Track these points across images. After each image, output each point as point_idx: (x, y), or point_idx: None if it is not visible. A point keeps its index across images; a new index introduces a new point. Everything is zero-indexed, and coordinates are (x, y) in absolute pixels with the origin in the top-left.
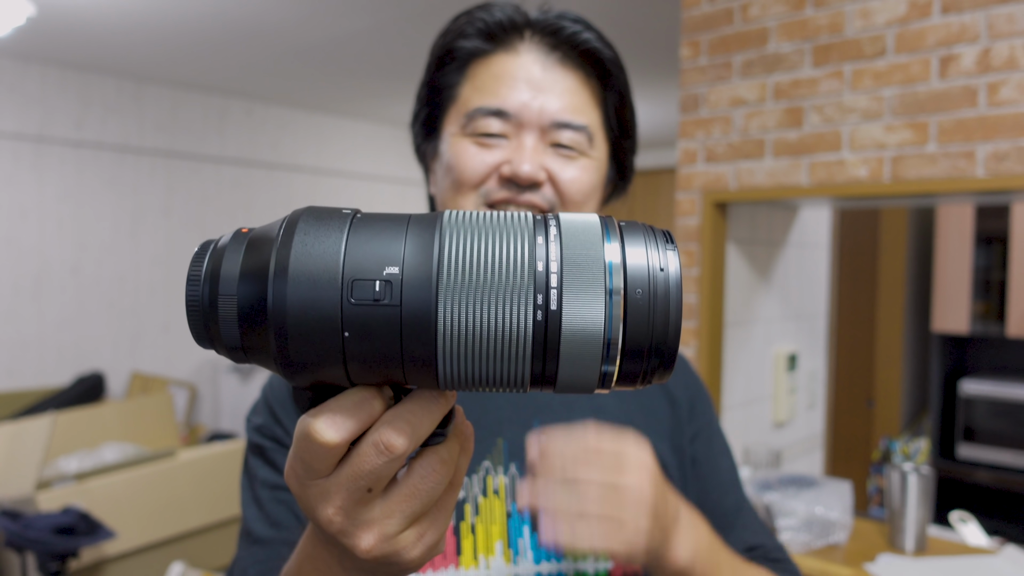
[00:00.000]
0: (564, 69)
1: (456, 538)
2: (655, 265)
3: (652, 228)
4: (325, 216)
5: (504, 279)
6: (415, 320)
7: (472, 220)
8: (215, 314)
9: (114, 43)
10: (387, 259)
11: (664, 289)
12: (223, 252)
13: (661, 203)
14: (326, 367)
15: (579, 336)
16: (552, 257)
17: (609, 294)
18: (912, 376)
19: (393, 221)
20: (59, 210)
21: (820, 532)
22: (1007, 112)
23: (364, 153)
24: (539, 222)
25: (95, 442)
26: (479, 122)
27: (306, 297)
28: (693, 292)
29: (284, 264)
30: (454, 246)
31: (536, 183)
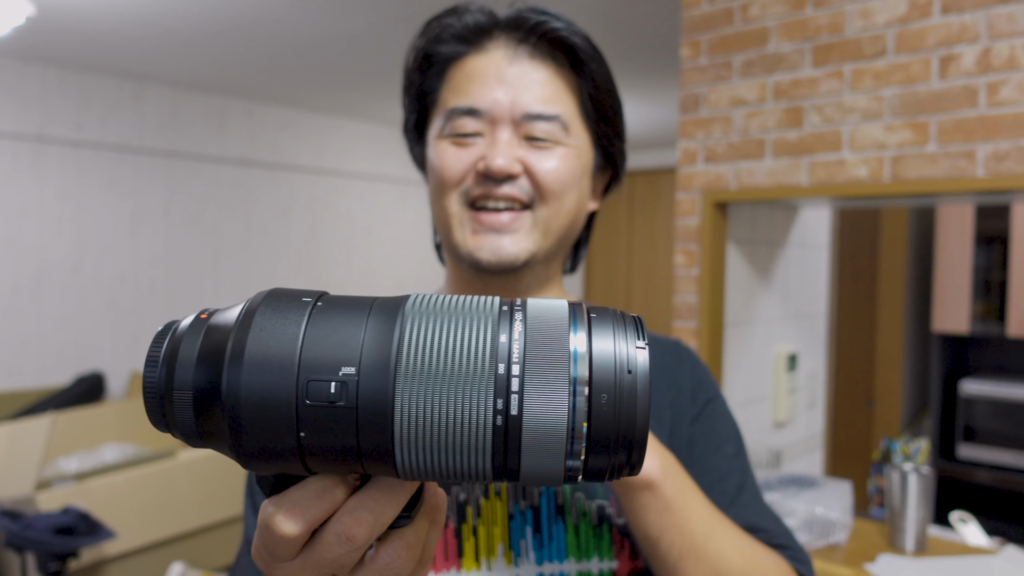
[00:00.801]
0: (533, 61)
1: (457, 540)
2: (623, 366)
3: (623, 317)
4: (285, 304)
5: (463, 375)
6: (371, 418)
7: (435, 307)
8: (171, 398)
9: (114, 43)
10: (343, 357)
11: (631, 393)
12: (182, 336)
13: (661, 203)
14: (283, 461)
15: (541, 435)
16: (515, 356)
17: (573, 385)
18: (912, 376)
19: (354, 310)
20: (59, 210)
21: (820, 532)
22: (1007, 112)
23: (364, 153)
24: (504, 313)
25: (95, 442)
26: (455, 122)
27: (261, 390)
28: (693, 292)
29: (240, 352)
30: (413, 337)
31: (511, 175)
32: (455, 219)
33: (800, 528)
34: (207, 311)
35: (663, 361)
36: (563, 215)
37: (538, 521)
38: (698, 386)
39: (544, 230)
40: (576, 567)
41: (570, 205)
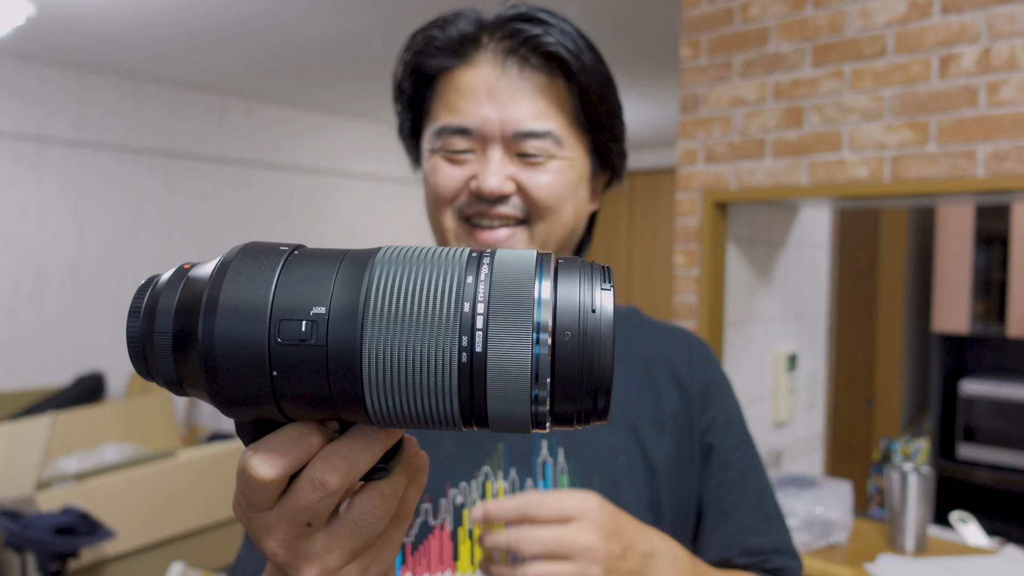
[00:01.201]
0: (523, 75)
1: (453, 543)
2: (587, 306)
3: (591, 265)
4: (260, 253)
5: (430, 317)
6: (340, 358)
7: (406, 256)
8: (152, 347)
9: (114, 43)
10: (315, 298)
11: (595, 331)
12: (162, 287)
13: (661, 203)
14: (258, 404)
15: (505, 376)
16: (480, 296)
17: (536, 330)
18: (912, 376)
19: (328, 258)
20: (59, 210)
21: (820, 532)
22: (1007, 112)
23: (364, 153)
24: (473, 259)
25: (95, 442)
26: (446, 140)
27: (234, 334)
28: (693, 292)
29: (214, 300)
30: (382, 282)
31: (503, 195)
32: (451, 235)
33: (800, 528)
34: (189, 263)
35: (673, 358)
36: (560, 228)
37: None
38: (710, 390)
39: (542, 244)
40: None
41: (567, 217)
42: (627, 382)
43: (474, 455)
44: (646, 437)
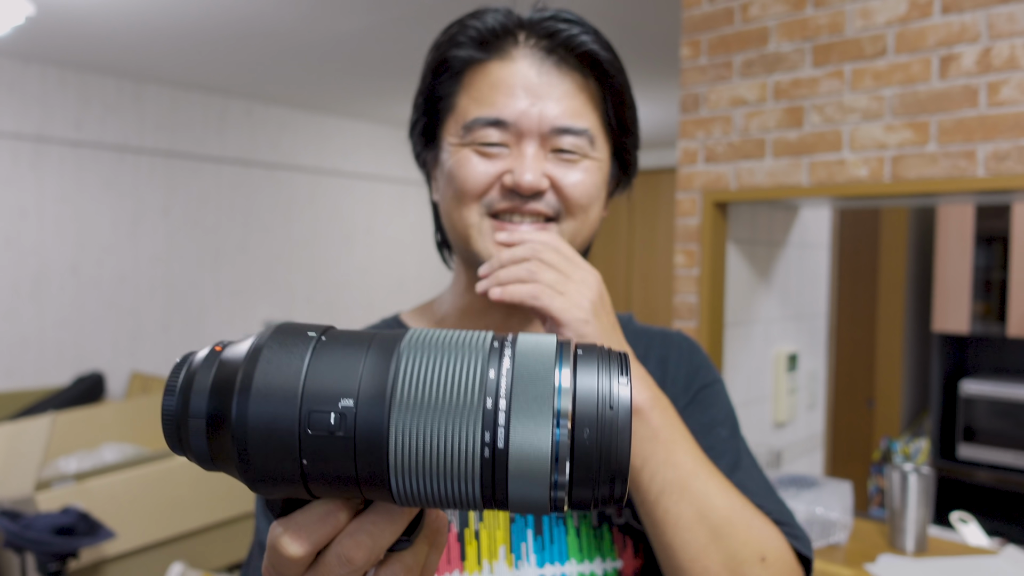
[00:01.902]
0: (561, 73)
1: (460, 544)
2: (605, 401)
3: (608, 355)
4: (291, 338)
5: (454, 408)
6: (368, 448)
7: (431, 342)
8: (186, 425)
9: (114, 43)
10: (343, 389)
11: (612, 427)
12: (197, 367)
13: (661, 203)
14: (287, 485)
15: (526, 466)
16: (502, 391)
17: (556, 417)
18: (912, 376)
19: (355, 344)
20: (58, 210)
21: (820, 532)
22: (1008, 112)
23: (364, 153)
24: (495, 350)
25: (95, 442)
26: (478, 132)
27: (266, 420)
28: (693, 292)
29: (247, 385)
30: (408, 371)
31: (539, 192)
32: (474, 229)
33: None
34: (221, 343)
35: (655, 351)
36: (587, 228)
37: (539, 524)
38: (693, 373)
39: (570, 241)
40: (577, 568)
41: (594, 217)
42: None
43: None
44: None
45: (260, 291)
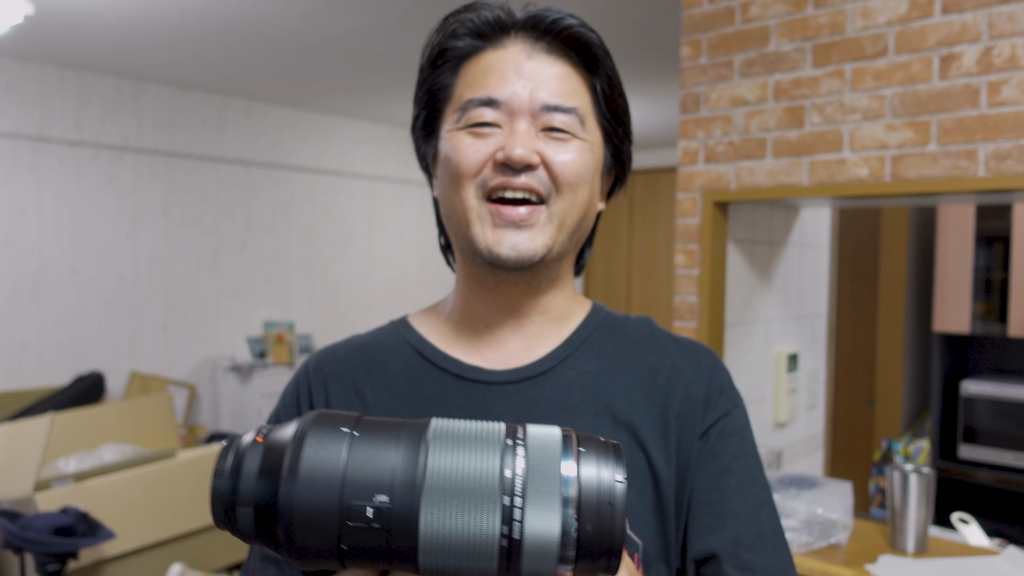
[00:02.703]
0: (551, 57)
1: None
2: (603, 499)
3: (605, 448)
4: (329, 430)
5: (476, 501)
6: (401, 535)
7: (452, 435)
8: (234, 507)
9: (113, 43)
10: (379, 484)
11: (610, 521)
12: (245, 452)
13: (661, 203)
14: (325, 562)
15: (538, 550)
16: (517, 490)
17: (564, 504)
18: (913, 376)
19: (386, 439)
20: (58, 210)
21: (821, 533)
22: (1008, 111)
23: (364, 153)
24: (508, 447)
25: (94, 442)
26: (471, 113)
27: (310, 508)
28: (693, 292)
29: (294, 473)
30: (435, 465)
31: (530, 165)
32: (473, 213)
33: (801, 529)
34: (262, 433)
35: (668, 359)
36: (577, 208)
37: None
38: (714, 396)
39: (559, 224)
40: None
41: (583, 198)
42: (633, 386)
43: None
44: (649, 441)
45: (259, 291)
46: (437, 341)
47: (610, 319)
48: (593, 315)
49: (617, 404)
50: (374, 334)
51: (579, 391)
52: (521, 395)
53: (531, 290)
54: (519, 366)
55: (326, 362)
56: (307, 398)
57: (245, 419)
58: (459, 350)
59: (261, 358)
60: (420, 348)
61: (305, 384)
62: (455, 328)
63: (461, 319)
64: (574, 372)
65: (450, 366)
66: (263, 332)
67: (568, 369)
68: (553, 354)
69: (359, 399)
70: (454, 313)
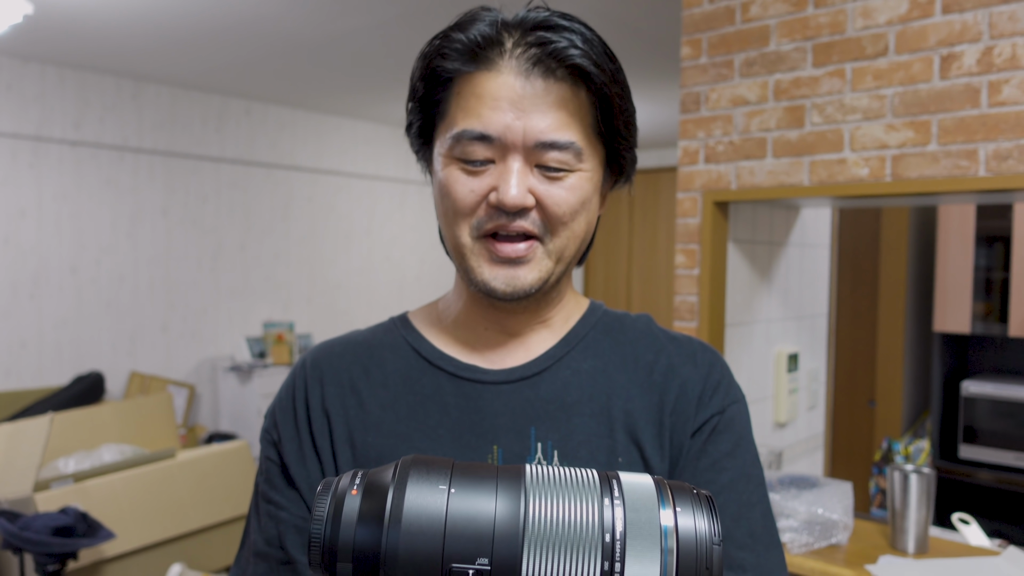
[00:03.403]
0: (547, 84)
1: None
2: (702, 563)
3: (698, 498)
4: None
5: (577, 546)
6: None
7: (548, 483)
8: (334, 552)
9: (112, 42)
10: (480, 547)
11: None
12: (343, 495)
13: (661, 203)
14: None
15: None
16: (618, 534)
17: (664, 555)
18: (913, 376)
19: (484, 493)
20: (57, 209)
21: (821, 533)
22: (1009, 111)
23: (363, 153)
24: (606, 491)
25: (93, 443)
26: (464, 147)
27: (414, 562)
28: (693, 292)
29: (397, 521)
30: (534, 516)
31: (524, 208)
32: (468, 249)
33: (801, 529)
34: (356, 487)
35: (665, 357)
36: (575, 240)
37: None
38: (710, 391)
39: (557, 258)
40: None
41: (580, 230)
42: (628, 383)
43: (469, 458)
44: (645, 439)
45: (259, 291)
46: (435, 339)
47: (607, 317)
48: (590, 314)
49: (614, 402)
50: (373, 330)
51: (575, 390)
52: (518, 394)
53: (530, 309)
54: (516, 365)
55: (323, 358)
56: (303, 394)
57: (245, 419)
58: (456, 349)
59: (261, 358)
60: (417, 346)
61: (302, 380)
62: (453, 328)
63: (460, 321)
64: (570, 371)
65: (447, 365)
66: (263, 332)
67: (564, 368)
68: (549, 353)
69: (355, 396)
70: (453, 314)
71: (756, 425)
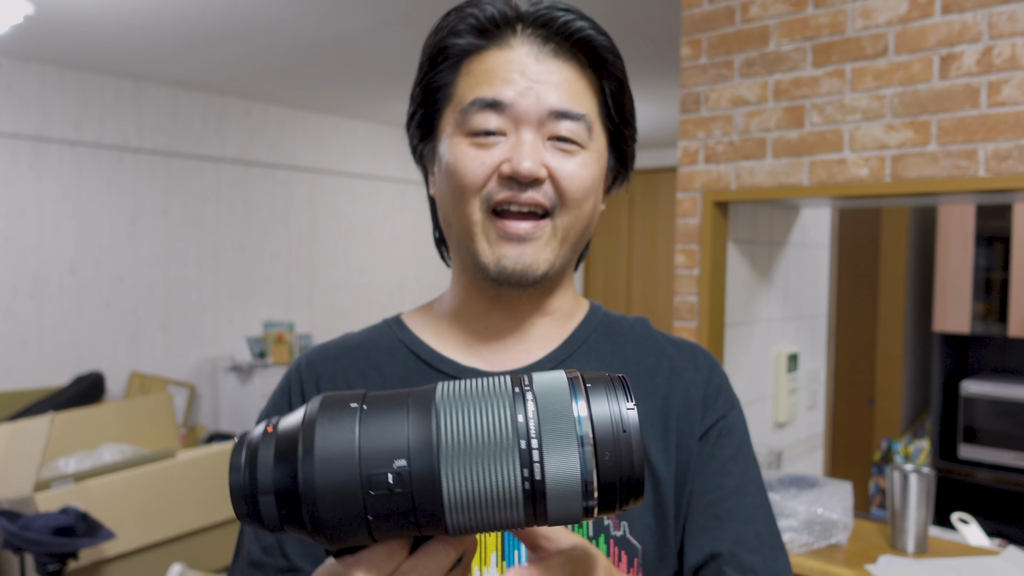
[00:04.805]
0: (559, 60)
1: None
2: (618, 427)
3: (612, 381)
4: (338, 410)
5: (494, 452)
6: (424, 498)
7: (460, 394)
8: (256, 495)
9: (113, 43)
10: (395, 451)
11: (627, 447)
12: (258, 443)
13: (661, 203)
14: (354, 537)
15: (562, 489)
16: (532, 432)
17: (581, 443)
18: (913, 376)
19: (395, 408)
20: (58, 210)
21: (821, 533)
22: (1008, 111)
23: (363, 153)
24: (517, 394)
25: (94, 442)
26: (475, 117)
27: (332, 486)
28: (693, 292)
29: (310, 453)
30: (447, 426)
31: (537, 180)
32: (478, 227)
33: (801, 529)
34: (271, 424)
35: (667, 361)
36: (581, 221)
37: None
38: (712, 397)
39: (563, 238)
40: None
41: (588, 211)
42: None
43: None
44: (649, 443)
45: (259, 291)
46: (432, 341)
47: (608, 320)
48: (591, 316)
49: None
50: (367, 333)
51: None
52: None
53: (534, 297)
54: (517, 367)
55: (318, 361)
56: (299, 397)
57: (245, 419)
58: (455, 351)
59: (261, 358)
60: (415, 348)
61: (297, 383)
62: (452, 328)
63: (459, 319)
64: None
65: (446, 367)
66: (263, 332)
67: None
68: (551, 356)
69: None
70: (451, 313)
71: (756, 425)
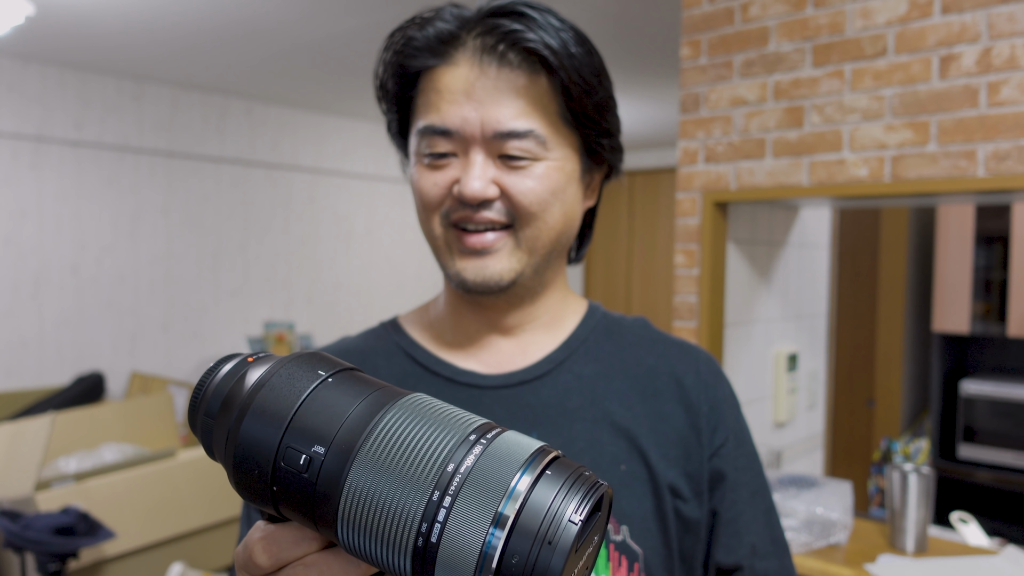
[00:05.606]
0: (502, 72)
1: None
2: (544, 535)
3: (580, 481)
4: (300, 371)
5: (409, 482)
6: (324, 494)
7: (421, 411)
8: (197, 416)
9: (113, 43)
10: (321, 435)
11: (543, 566)
12: (225, 374)
13: (661, 203)
14: (261, 501)
15: (452, 564)
16: (452, 488)
17: (497, 520)
18: (912, 376)
19: (354, 393)
20: (58, 210)
21: (820, 532)
22: (1008, 112)
23: (364, 153)
24: (468, 442)
25: (94, 442)
26: (425, 142)
27: (252, 443)
28: (693, 292)
29: (249, 402)
30: (382, 435)
31: (487, 200)
32: (440, 240)
33: (800, 528)
34: (256, 355)
35: (668, 363)
36: (549, 231)
37: None
38: (718, 406)
39: (529, 249)
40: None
41: (555, 220)
42: (630, 390)
43: None
44: (648, 447)
45: (259, 291)
46: (429, 344)
47: (607, 320)
48: (590, 316)
49: (615, 409)
50: (364, 336)
51: (576, 395)
52: (517, 399)
53: (513, 305)
54: (514, 370)
55: None
56: None
57: None
58: (452, 354)
59: None
60: (412, 352)
61: None
62: (445, 330)
63: (451, 322)
64: (571, 376)
65: (443, 370)
66: (263, 332)
67: (565, 373)
68: (550, 357)
69: None
70: (444, 315)
71: (756, 425)
